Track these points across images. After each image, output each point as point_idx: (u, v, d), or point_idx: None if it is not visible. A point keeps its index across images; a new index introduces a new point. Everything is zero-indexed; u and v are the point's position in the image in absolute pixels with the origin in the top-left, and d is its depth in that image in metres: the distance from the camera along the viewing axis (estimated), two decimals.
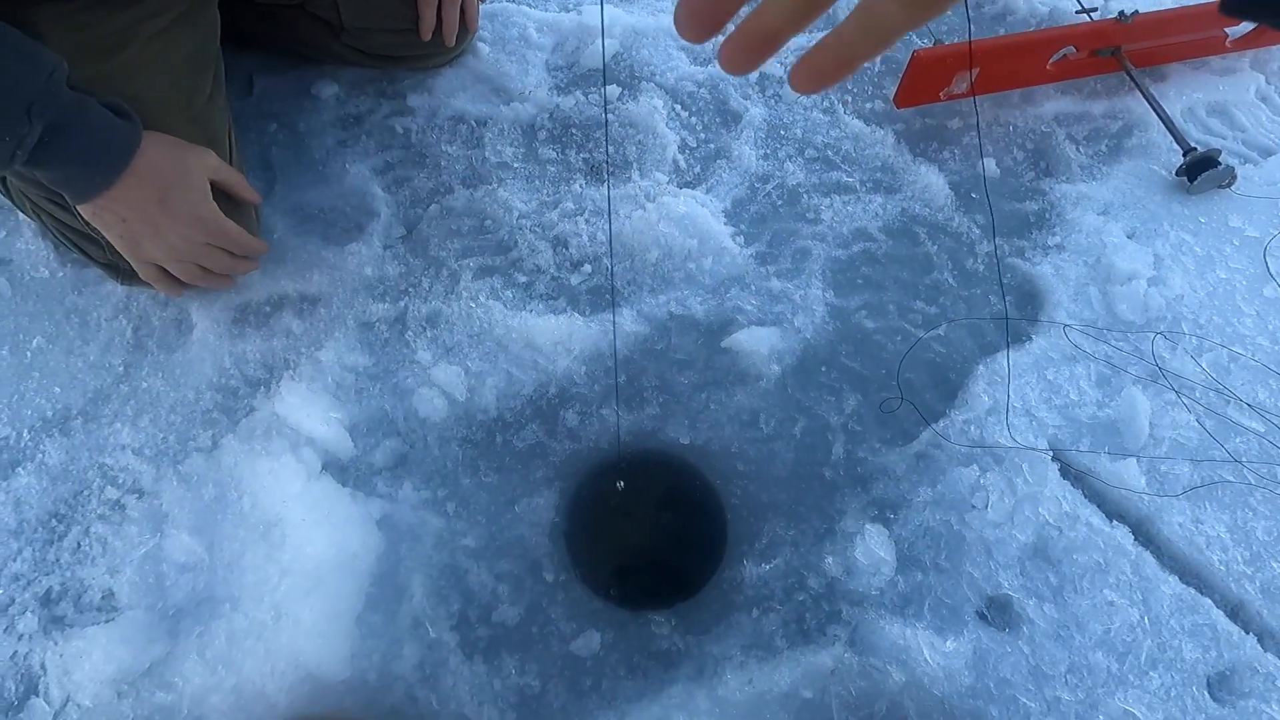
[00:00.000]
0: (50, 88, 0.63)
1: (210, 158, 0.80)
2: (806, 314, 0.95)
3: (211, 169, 0.79)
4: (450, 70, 1.14)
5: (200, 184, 0.78)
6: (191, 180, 0.77)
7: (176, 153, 0.76)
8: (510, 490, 0.83)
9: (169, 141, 0.76)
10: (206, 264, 0.82)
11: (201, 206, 0.78)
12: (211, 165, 0.79)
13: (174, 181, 0.75)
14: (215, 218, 0.79)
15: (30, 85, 0.62)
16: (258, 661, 0.68)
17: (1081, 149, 1.11)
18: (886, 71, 1.19)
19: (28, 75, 0.62)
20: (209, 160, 0.79)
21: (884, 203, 1.05)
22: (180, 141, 0.77)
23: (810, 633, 0.75)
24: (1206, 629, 0.75)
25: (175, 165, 0.76)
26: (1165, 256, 0.99)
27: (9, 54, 0.61)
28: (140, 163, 0.72)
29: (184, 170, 0.76)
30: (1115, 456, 0.84)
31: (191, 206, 0.77)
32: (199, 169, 0.78)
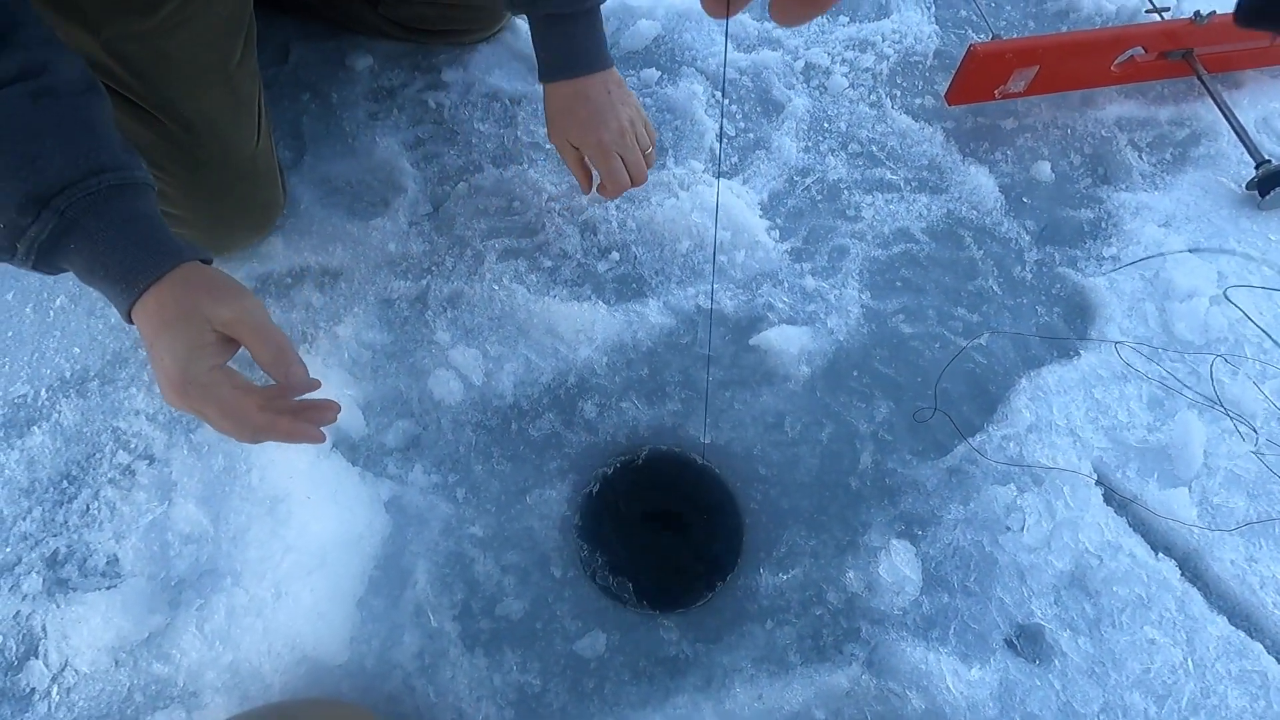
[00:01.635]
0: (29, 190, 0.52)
1: (226, 308, 0.57)
2: (841, 315, 0.91)
3: (223, 321, 0.58)
4: (486, 46, 1.12)
5: (197, 331, 0.56)
6: (180, 331, 0.56)
7: (189, 289, 0.57)
8: (522, 480, 0.80)
9: (197, 278, 0.58)
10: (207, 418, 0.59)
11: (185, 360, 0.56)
12: (224, 318, 0.57)
13: (169, 321, 0.56)
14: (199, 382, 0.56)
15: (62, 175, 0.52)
16: (256, 639, 0.67)
17: (1144, 156, 1.05)
18: (939, 66, 1.13)
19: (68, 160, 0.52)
20: (223, 311, 0.57)
21: (929, 203, 1.01)
22: (213, 279, 0.59)
23: (826, 650, 0.71)
24: (1255, 676, 0.70)
25: (177, 307, 0.56)
26: (1230, 275, 0.92)
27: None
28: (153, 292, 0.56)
29: (186, 310, 0.57)
30: (1165, 484, 0.78)
31: (176, 353, 0.56)
32: (198, 320, 0.57)
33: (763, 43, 1.15)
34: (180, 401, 0.57)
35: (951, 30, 1.18)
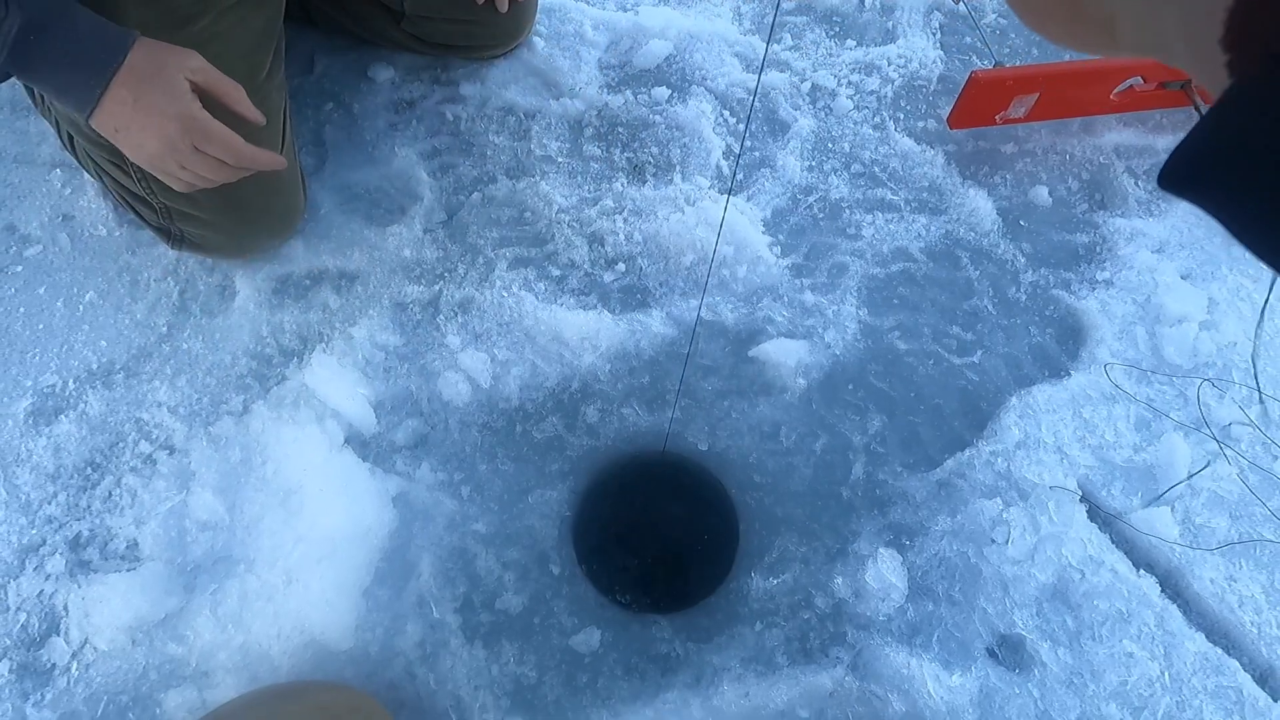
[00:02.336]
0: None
1: (193, 59, 0.72)
2: (838, 330, 0.94)
3: (191, 69, 0.72)
4: (504, 62, 1.16)
5: (175, 80, 0.70)
6: (164, 75, 0.70)
7: (153, 52, 0.71)
8: (525, 480, 0.83)
9: (151, 44, 0.71)
10: (196, 169, 0.73)
11: (176, 103, 0.70)
12: (192, 66, 0.72)
13: (147, 79, 0.69)
14: (193, 115, 0.71)
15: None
16: (266, 623, 0.70)
17: (1140, 184, 1.07)
18: (942, 91, 1.17)
19: None
20: (190, 61, 0.72)
21: (928, 223, 1.03)
22: (164, 44, 0.72)
23: (812, 652, 0.74)
24: (1231, 692, 0.72)
25: (148, 63, 0.70)
26: (1220, 301, 0.95)
27: None
28: (122, 68, 0.69)
29: (157, 66, 0.70)
30: (1149, 503, 0.81)
31: (164, 104, 0.69)
32: (175, 67, 0.71)
33: (770, 64, 1.19)
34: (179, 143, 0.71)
35: (956, 56, 1.21)
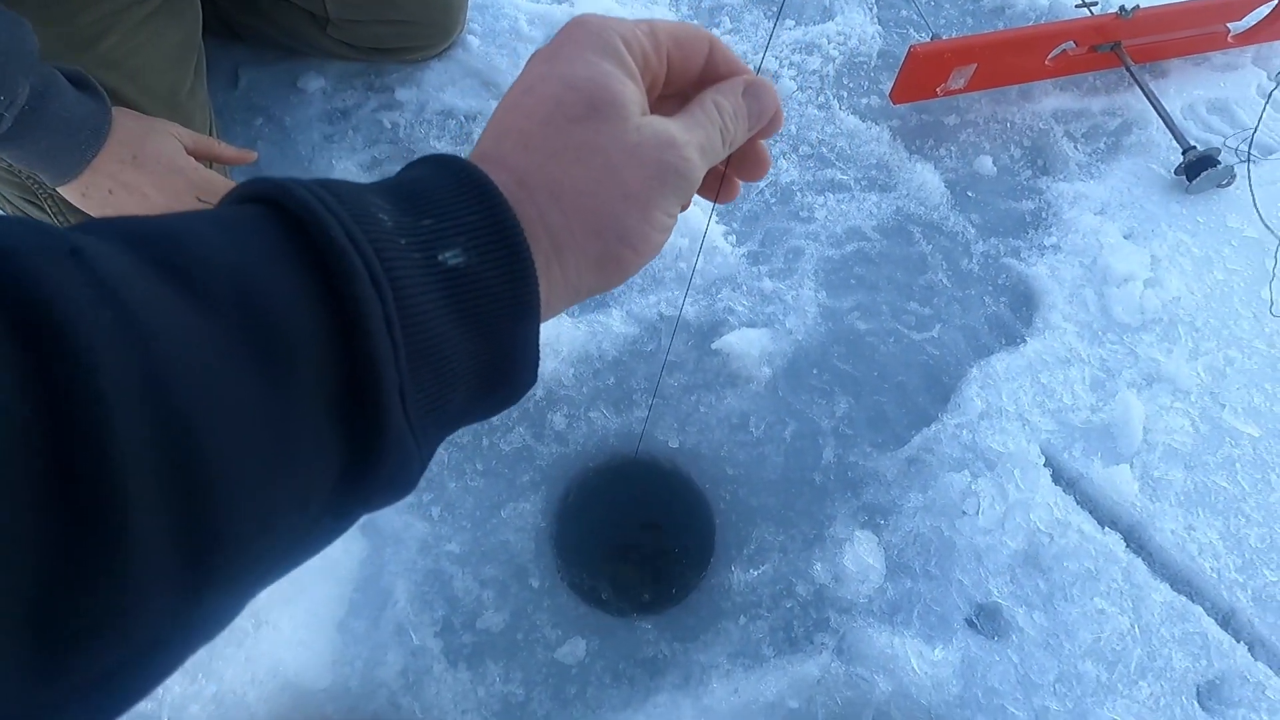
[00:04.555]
0: (32, 49, 0.60)
1: (176, 126, 0.76)
2: (798, 315, 0.94)
3: (178, 133, 0.75)
4: (439, 63, 1.12)
5: (168, 138, 0.73)
6: (160, 133, 0.73)
7: (134, 115, 0.73)
8: (496, 494, 0.82)
9: (126, 110, 0.72)
10: None
11: (177, 158, 0.74)
12: (178, 132, 0.75)
13: (142, 135, 0.71)
14: (194, 167, 0.75)
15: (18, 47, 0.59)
16: (238, 669, 0.68)
17: (1080, 147, 1.10)
18: (883, 66, 1.17)
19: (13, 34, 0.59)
20: (174, 128, 0.76)
21: (878, 201, 1.04)
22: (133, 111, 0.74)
23: (798, 641, 0.74)
24: (1197, 637, 0.75)
25: (140, 123, 0.72)
26: (1162, 258, 0.97)
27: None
28: (115, 129, 0.69)
29: (150, 127, 0.73)
30: (1108, 462, 0.83)
31: (167, 158, 0.73)
32: (165, 126, 0.74)
33: None
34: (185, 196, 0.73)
35: (894, 30, 1.22)
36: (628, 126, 0.28)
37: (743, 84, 0.32)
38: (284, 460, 0.20)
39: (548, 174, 0.27)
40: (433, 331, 0.23)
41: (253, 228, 0.22)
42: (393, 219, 0.23)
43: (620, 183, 0.27)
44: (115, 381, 0.17)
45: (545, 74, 0.28)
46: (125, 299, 0.18)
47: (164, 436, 0.17)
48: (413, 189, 0.25)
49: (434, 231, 0.24)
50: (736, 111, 0.31)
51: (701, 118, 0.30)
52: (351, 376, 0.21)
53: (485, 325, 0.24)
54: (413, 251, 0.23)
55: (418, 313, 0.23)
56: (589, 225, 0.27)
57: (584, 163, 0.27)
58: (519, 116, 0.28)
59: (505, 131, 0.28)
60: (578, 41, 0.28)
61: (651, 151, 0.28)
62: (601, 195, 0.27)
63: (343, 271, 0.21)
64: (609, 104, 0.27)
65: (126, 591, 0.17)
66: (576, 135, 0.27)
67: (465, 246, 0.24)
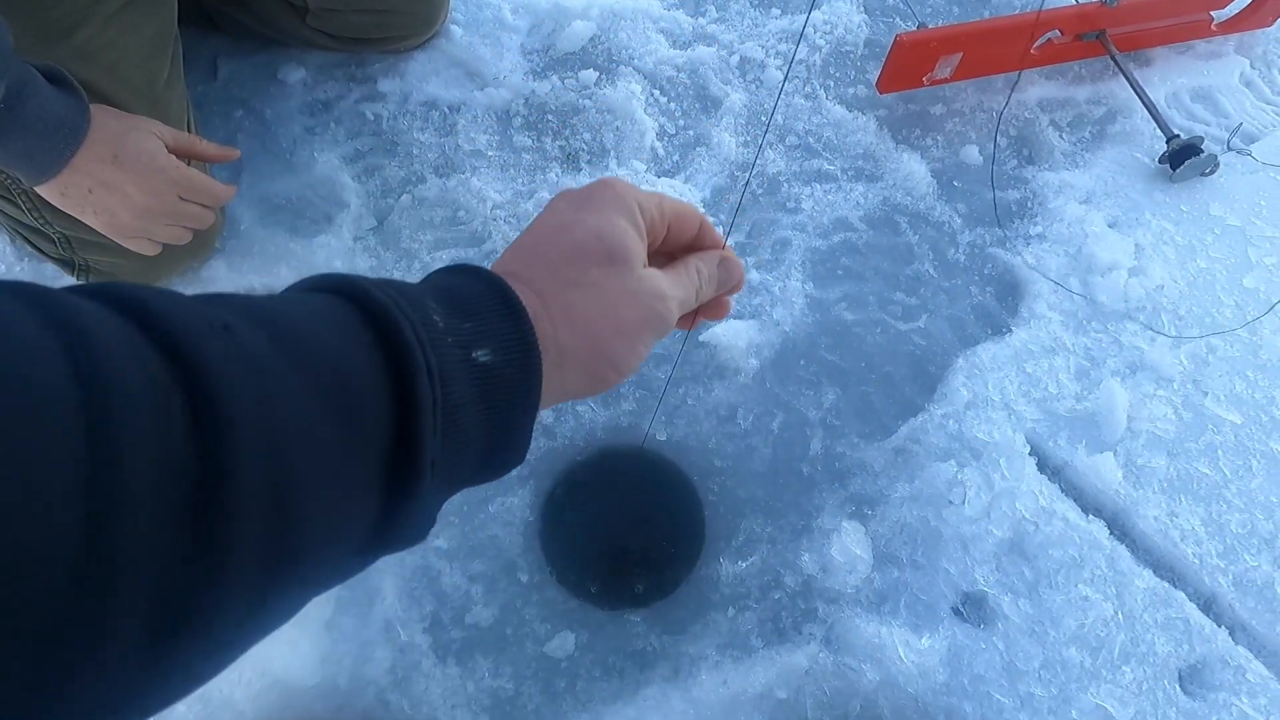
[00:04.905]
0: (8, 46, 0.59)
1: (157, 124, 0.74)
2: (786, 306, 0.94)
3: (160, 131, 0.74)
4: (422, 54, 1.11)
5: (149, 137, 0.72)
6: (140, 131, 0.71)
7: (115, 114, 0.72)
8: (484, 489, 0.81)
9: (105, 108, 0.71)
10: (182, 220, 0.77)
11: (159, 156, 0.72)
12: (159, 130, 0.74)
13: (122, 134, 0.70)
14: (176, 166, 0.74)
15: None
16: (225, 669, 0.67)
17: (1065, 136, 1.10)
18: (869, 55, 1.17)
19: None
20: (156, 126, 0.74)
21: (865, 191, 1.04)
22: (114, 109, 0.72)
23: (786, 631, 0.75)
24: (1179, 622, 0.76)
25: (121, 121, 0.71)
26: (1146, 246, 0.98)
27: None
28: (94, 128, 0.68)
29: (131, 125, 0.71)
30: (1093, 450, 0.83)
31: (148, 157, 0.71)
32: (145, 124, 0.73)
33: (698, 38, 1.17)
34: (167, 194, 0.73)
35: (880, 19, 1.21)
36: (632, 276, 0.36)
37: (719, 257, 0.41)
38: (346, 505, 0.25)
39: (565, 300, 0.34)
40: (461, 413, 0.29)
41: (337, 316, 0.28)
42: (443, 320, 0.29)
43: (619, 319, 0.35)
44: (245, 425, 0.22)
45: (579, 220, 0.36)
46: (257, 367, 0.23)
47: (270, 472, 0.22)
48: (456, 295, 0.31)
49: (474, 333, 0.30)
50: (711, 276, 0.41)
51: (684, 279, 0.39)
52: (400, 444, 0.27)
53: (498, 413, 0.30)
54: (456, 348, 0.29)
55: (454, 397, 0.28)
56: (589, 347, 0.34)
57: (595, 298, 0.35)
58: (549, 249, 0.35)
59: (536, 259, 0.35)
60: (608, 201, 0.36)
61: (646, 299, 0.36)
62: (603, 325, 0.35)
63: (408, 361, 0.27)
64: (622, 257, 0.35)
65: (218, 590, 0.21)
66: (593, 275, 0.35)
67: (494, 349, 0.30)
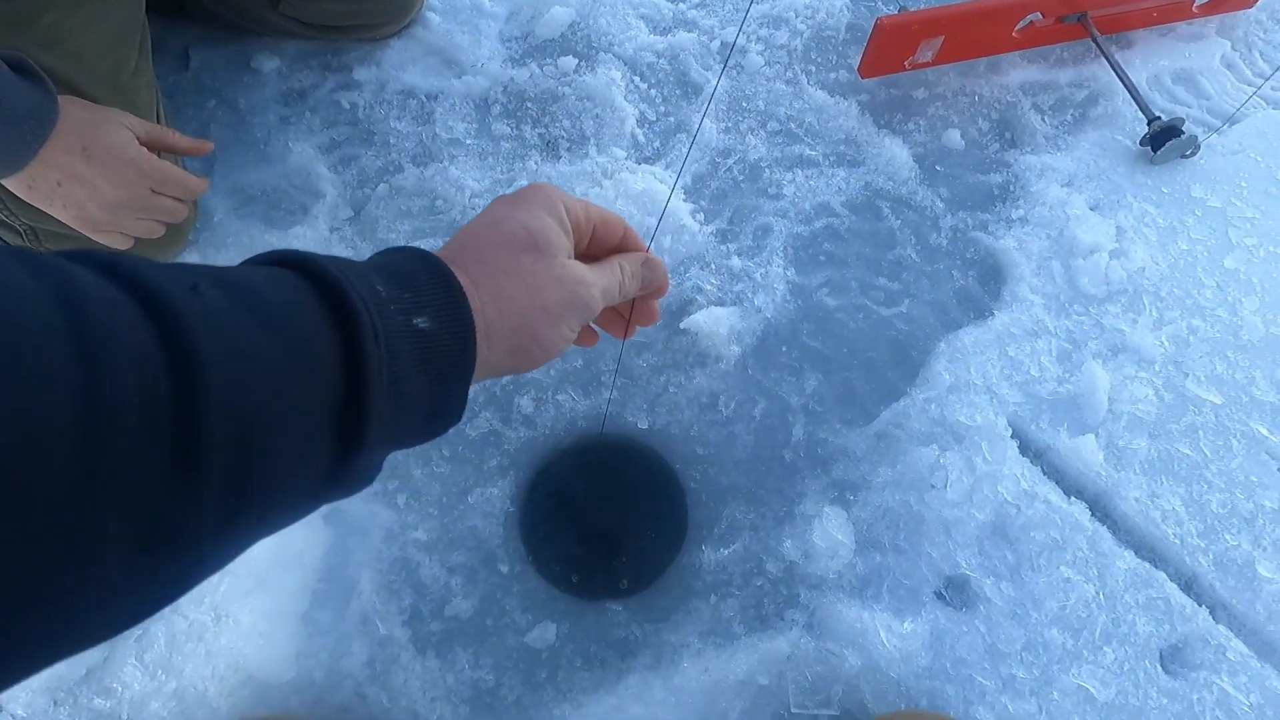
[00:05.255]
0: None
1: (128, 115, 0.73)
2: (767, 293, 0.93)
3: (131, 123, 0.73)
4: (398, 41, 1.09)
5: (120, 129, 0.71)
6: (111, 123, 0.70)
7: (84, 106, 0.70)
8: (464, 480, 0.81)
9: (74, 99, 0.70)
10: (154, 215, 0.76)
11: (129, 149, 0.71)
12: (130, 122, 0.73)
13: (93, 126, 0.69)
14: (147, 158, 0.73)
15: None
16: (198, 665, 0.66)
17: (1047, 119, 1.09)
18: (851, 40, 1.16)
19: None
20: (127, 117, 0.73)
21: (847, 176, 1.03)
22: (83, 100, 0.70)
23: (768, 618, 0.74)
24: (1160, 602, 0.76)
25: (90, 113, 0.70)
26: (1128, 228, 0.98)
27: None
28: (62, 119, 0.66)
29: (101, 116, 0.70)
30: (1074, 432, 0.83)
31: (118, 149, 0.70)
32: (116, 116, 0.72)
33: (678, 24, 1.15)
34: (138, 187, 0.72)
35: (861, 3, 1.20)
36: (555, 263, 0.41)
37: (643, 258, 0.47)
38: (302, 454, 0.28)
39: (494, 282, 0.38)
40: (403, 374, 0.32)
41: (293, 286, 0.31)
42: (386, 290, 0.33)
43: (543, 299, 0.39)
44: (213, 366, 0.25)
45: (509, 215, 0.41)
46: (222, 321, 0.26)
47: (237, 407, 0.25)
48: (397, 270, 0.35)
49: (413, 302, 0.34)
50: (635, 274, 0.46)
51: (607, 271, 0.44)
52: (351, 398, 0.30)
53: (437, 375, 0.34)
54: (398, 315, 0.33)
55: (396, 359, 0.32)
56: (514, 325, 0.38)
57: (521, 281, 0.39)
58: (482, 242, 0.40)
59: (469, 248, 0.40)
60: (537, 200, 0.42)
61: (569, 283, 0.40)
62: (529, 305, 0.39)
63: (355, 324, 0.30)
64: (547, 246, 0.40)
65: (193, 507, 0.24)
66: (521, 261, 0.40)
67: (432, 316, 0.34)
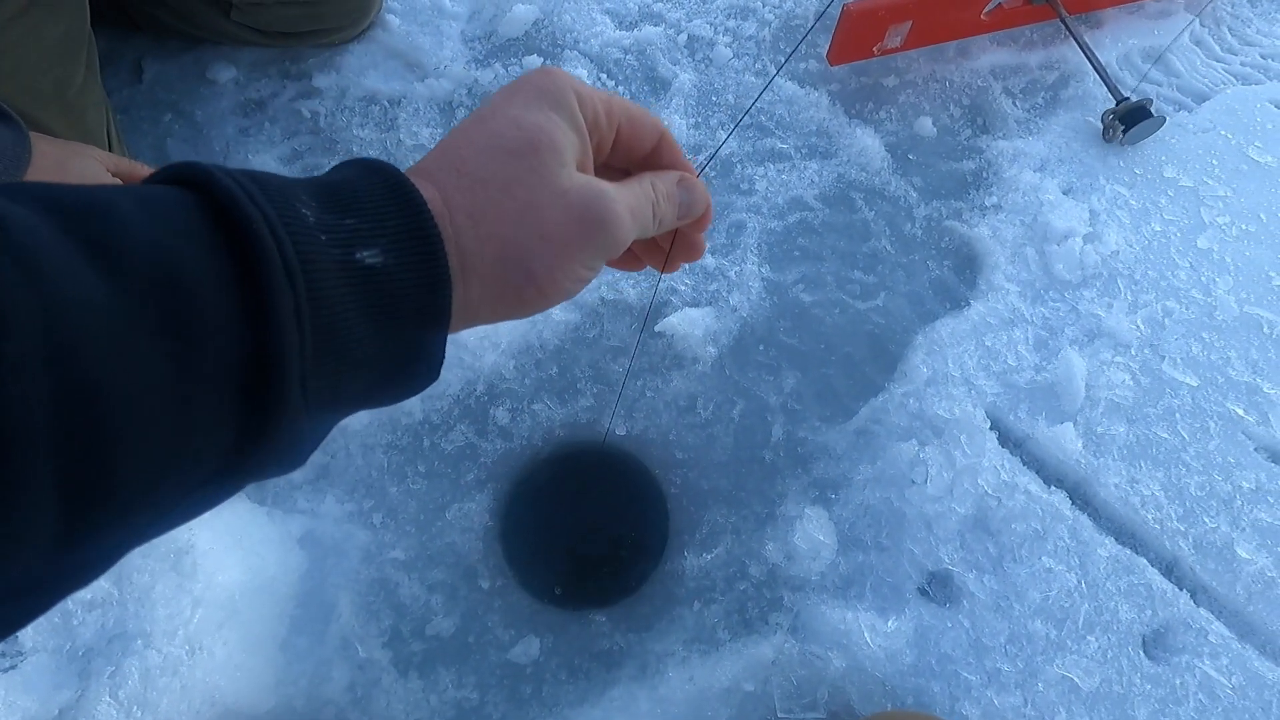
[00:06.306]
0: None
1: (95, 149, 0.71)
2: (742, 291, 0.92)
3: (100, 156, 0.71)
4: (358, 45, 1.07)
5: (90, 160, 0.69)
6: (80, 155, 0.69)
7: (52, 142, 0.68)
8: (440, 496, 0.80)
9: (46, 136, 0.67)
10: None
11: (102, 178, 0.69)
12: (99, 155, 0.71)
13: (62, 161, 0.67)
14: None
15: None
16: (174, 699, 0.65)
17: (1018, 103, 1.08)
18: (820, 28, 1.14)
19: None
20: (94, 151, 0.71)
21: (820, 169, 1.02)
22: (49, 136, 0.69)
23: (752, 622, 0.74)
24: (1142, 588, 0.76)
25: (59, 149, 0.67)
26: (1101, 212, 0.97)
27: None
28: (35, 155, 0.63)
29: (72, 151, 0.68)
30: (1053, 421, 0.83)
31: (92, 178, 0.69)
32: (85, 150, 0.70)
33: (644, 18, 1.13)
34: None
35: None
36: (561, 173, 0.29)
37: (679, 176, 0.34)
38: (181, 431, 0.21)
39: (472, 197, 0.28)
40: (341, 325, 0.24)
41: (174, 207, 0.22)
42: (315, 215, 0.24)
43: (539, 222, 0.28)
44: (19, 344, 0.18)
45: (498, 110, 0.29)
46: (40, 267, 0.19)
47: (65, 398, 0.18)
48: (340, 188, 0.26)
49: (355, 231, 0.25)
50: (670, 195, 0.33)
51: (636, 188, 0.31)
52: (256, 360, 0.22)
53: (394, 325, 0.25)
54: (332, 248, 0.24)
55: (329, 306, 0.23)
56: (497, 253, 0.28)
57: (509, 195, 0.28)
58: (462, 143, 0.29)
59: (445, 152, 0.29)
60: (537, 88, 0.30)
61: (579, 199, 0.29)
62: (518, 230, 0.28)
63: (258, 259, 0.22)
64: (548, 148, 0.29)
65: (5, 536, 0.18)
66: (510, 168, 0.28)
67: (385, 249, 0.25)
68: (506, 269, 0.28)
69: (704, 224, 0.37)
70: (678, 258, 0.38)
